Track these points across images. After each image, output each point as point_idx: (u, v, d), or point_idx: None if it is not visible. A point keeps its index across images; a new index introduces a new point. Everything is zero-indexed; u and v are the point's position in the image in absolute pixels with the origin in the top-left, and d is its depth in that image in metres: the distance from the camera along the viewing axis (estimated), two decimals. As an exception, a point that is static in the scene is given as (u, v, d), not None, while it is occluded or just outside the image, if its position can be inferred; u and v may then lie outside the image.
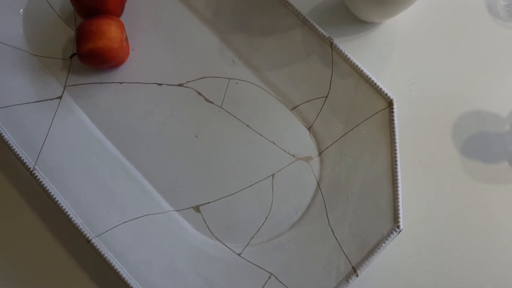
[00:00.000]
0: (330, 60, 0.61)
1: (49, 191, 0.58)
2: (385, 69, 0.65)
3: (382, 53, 0.65)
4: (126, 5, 0.67)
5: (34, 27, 0.67)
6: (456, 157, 0.61)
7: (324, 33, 0.61)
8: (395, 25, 0.66)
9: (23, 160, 0.60)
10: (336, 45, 0.61)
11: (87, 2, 0.62)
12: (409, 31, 0.66)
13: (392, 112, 0.58)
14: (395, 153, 0.57)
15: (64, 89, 0.65)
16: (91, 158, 0.62)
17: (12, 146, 0.60)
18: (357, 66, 0.60)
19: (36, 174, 0.59)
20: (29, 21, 0.67)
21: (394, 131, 0.58)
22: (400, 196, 0.56)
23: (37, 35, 0.67)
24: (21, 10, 0.67)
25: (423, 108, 0.63)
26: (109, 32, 0.61)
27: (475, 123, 0.62)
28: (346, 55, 0.60)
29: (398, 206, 0.55)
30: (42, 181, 0.59)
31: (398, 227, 0.55)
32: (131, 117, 0.64)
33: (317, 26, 0.62)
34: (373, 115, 0.59)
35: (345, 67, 0.60)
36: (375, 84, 0.59)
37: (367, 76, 0.59)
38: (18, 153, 0.60)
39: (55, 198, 0.58)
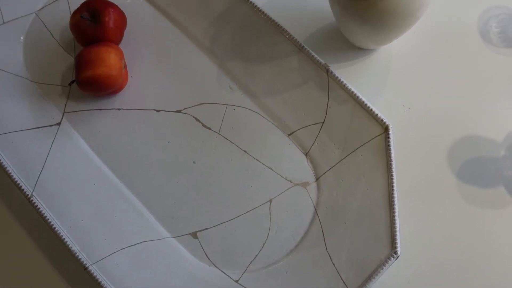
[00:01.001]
0: (326, 86, 0.62)
1: (47, 217, 0.58)
2: (381, 94, 0.65)
3: (377, 79, 0.66)
4: (126, 32, 0.67)
5: (34, 54, 0.68)
6: (453, 182, 0.62)
7: (320, 60, 0.62)
8: (390, 51, 0.67)
9: (21, 186, 0.60)
10: (332, 72, 0.61)
11: (87, 30, 0.63)
12: (404, 57, 0.67)
13: (388, 138, 0.58)
14: (392, 179, 0.58)
15: (63, 116, 0.65)
16: (89, 184, 0.62)
17: (10, 173, 0.61)
18: (353, 92, 0.60)
19: (33, 201, 0.59)
20: (29, 48, 0.68)
21: (390, 157, 0.58)
22: (397, 221, 0.56)
23: (37, 62, 0.68)
24: (22, 38, 0.68)
25: (419, 133, 0.63)
26: (108, 60, 0.61)
27: (470, 148, 0.63)
28: (342, 82, 0.61)
29: (395, 231, 0.55)
30: (39, 208, 0.59)
31: (395, 252, 0.55)
32: (129, 143, 0.64)
33: (313, 53, 0.62)
34: (369, 140, 0.60)
35: (341, 93, 0.61)
36: (371, 110, 0.60)
37: (363, 102, 0.60)
38: (16, 179, 0.60)
39: (53, 224, 0.58)
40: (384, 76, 0.66)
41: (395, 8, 0.54)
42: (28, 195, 0.60)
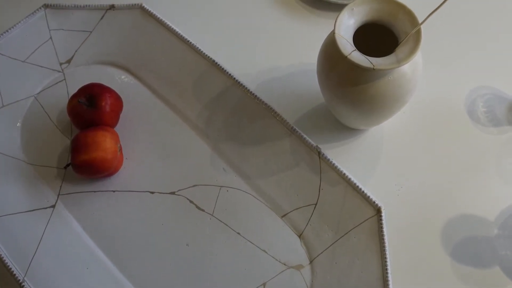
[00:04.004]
0: (318, 168, 0.63)
1: (38, 303, 0.58)
2: (373, 174, 0.66)
3: (369, 159, 0.67)
4: (122, 114, 0.69)
5: (31, 136, 0.70)
6: (447, 262, 0.61)
7: (312, 142, 0.63)
8: (381, 131, 0.69)
9: (13, 271, 0.60)
10: (323, 154, 0.63)
11: (84, 115, 0.65)
12: (395, 137, 0.68)
13: (381, 219, 0.59)
14: (385, 261, 0.58)
15: (57, 198, 0.66)
16: (82, 268, 0.62)
17: (3, 257, 0.60)
18: (344, 174, 0.61)
19: (25, 286, 0.59)
20: (27, 130, 0.70)
21: (383, 239, 0.58)
22: (392, 305, 0.55)
23: (33, 144, 0.69)
24: (19, 123, 0.70)
25: (412, 213, 0.64)
26: (104, 144, 0.63)
27: (463, 227, 0.63)
28: (334, 164, 0.62)
29: (391, 315, 0.55)
30: (31, 293, 0.58)
31: (391, 338, 0.54)
32: (123, 225, 0.64)
33: (304, 136, 0.64)
34: (362, 222, 0.60)
35: (333, 175, 0.62)
36: (363, 192, 0.60)
37: (355, 184, 0.61)
38: (8, 264, 0.60)
39: (44, 311, 0.57)
40: (376, 156, 0.67)
41: (383, 94, 0.56)
42: (19, 280, 0.59)
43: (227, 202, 0.64)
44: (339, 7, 0.76)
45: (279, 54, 0.74)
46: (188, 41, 0.72)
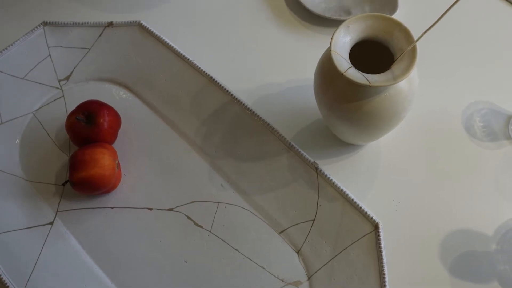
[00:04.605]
0: (316, 184, 0.63)
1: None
2: (371, 189, 0.66)
3: (367, 174, 0.67)
4: (120, 131, 0.69)
5: (30, 153, 0.70)
6: (446, 278, 0.61)
7: (309, 158, 0.64)
8: (379, 146, 0.69)
9: (10, 289, 0.60)
10: (321, 170, 0.63)
11: (82, 132, 0.65)
12: (392, 152, 0.69)
13: (379, 235, 0.59)
14: (384, 277, 0.57)
15: (56, 215, 0.66)
16: (81, 286, 0.62)
17: (0, 275, 0.60)
18: (342, 190, 0.61)
19: (23, 305, 0.59)
20: (25, 147, 0.70)
21: (381, 255, 0.58)
22: (391, 322, 0.55)
23: (32, 161, 0.69)
24: (17, 140, 0.70)
25: (410, 228, 0.64)
26: (102, 161, 0.63)
27: (462, 242, 0.63)
28: (331, 180, 0.62)
29: (389, 333, 0.55)
30: (28, 313, 0.58)
31: None
32: (121, 242, 0.64)
33: (302, 152, 0.64)
34: (360, 238, 0.60)
35: (331, 191, 0.62)
36: (360, 207, 0.60)
37: (352, 200, 0.61)
38: (6, 282, 0.60)
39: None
40: (373, 171, 0.67)
41: (380, 111, 0.56)
42: (17, 298, 0.59)
43: (225, 218, 0.64)
44: (336, 23, 0.77)
45: (277, 70, 0.75)
46: (185, 57, 0.72)
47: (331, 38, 0.54)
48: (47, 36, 0.76)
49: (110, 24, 0.76)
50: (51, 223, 0.65)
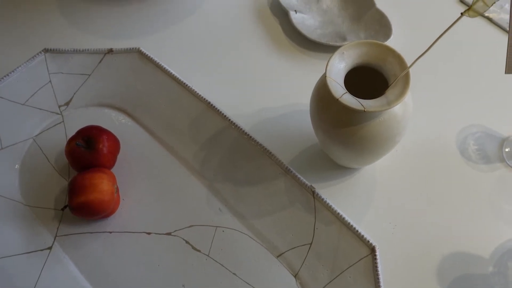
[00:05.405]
0: (313, 208, 0.64)
1: None
2: (367, 212, 0.67)
3: (363, 197, 0.68)
4: (119, 155, 0.70)
5: (29, 177, 0.70)
6: (443, 301, 0.62)
7: (306, 182, 0.64)
8: (374, 170, 0.70)
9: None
10: (318, 194, 0.63)
11: (82, 157, 0.66)
12: (387, 175, 0.69)
13: (375, 258, 0.59)
14: (381, 301, 0.58)
15: (54, 239, 0.66)
16: (78, 312, 0.62)
17: (-2, 301, 0.60)
18: (338, 213, 0.62)
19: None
20: (25, 172, 0.70)
21: (378, 278, 0.59)
22: None
23: (31, 186, 0.70)
24: (17, 165, 0.70)
25: (406, 251, 0.64)
26: (101, 185, 0.63)
27: (459, 265, 0.63)
28: (328, 203, 0.63)
29: None
30: None
31: None
32: (120, 266, 0.64)
33: (299, 176, 0.65)
34: (357, 261, 0.60)
35: (328, 215, 0.63)
36: (357, 231, 0.61)
37: (349, 223, 0.61)
38: (3, 308, 0.60)
39: None
40: (370, 194, 0.68)
41: (375, 135, 0.57)
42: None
43: (223, 242, 0.65)
44: (332, 49, 0.78)
45: (274, 95, 0.76)
46: (184, 83, 0.73)
47: (326, 65, 0.55)
48: (48, 62, 0.77)
49: (110, 50, 0.77)
50: (50, 248, 0.65)
